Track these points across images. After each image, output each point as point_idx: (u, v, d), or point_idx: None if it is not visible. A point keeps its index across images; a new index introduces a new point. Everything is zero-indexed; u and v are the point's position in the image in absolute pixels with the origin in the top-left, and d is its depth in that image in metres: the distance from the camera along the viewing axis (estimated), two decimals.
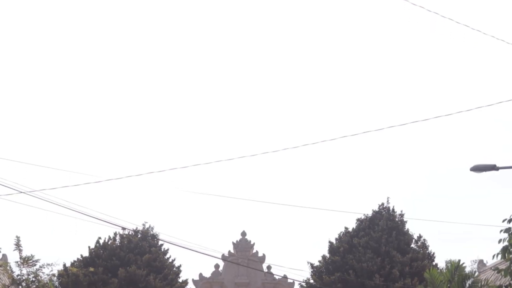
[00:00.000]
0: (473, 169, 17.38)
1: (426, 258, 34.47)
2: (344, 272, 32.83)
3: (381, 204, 36.77)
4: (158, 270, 35.06)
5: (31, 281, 20.06)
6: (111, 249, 35.45)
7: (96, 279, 33.17)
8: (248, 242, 48.05)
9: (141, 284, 33.45)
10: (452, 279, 23.55)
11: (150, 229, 36.69)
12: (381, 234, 34.43)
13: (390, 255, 33.33)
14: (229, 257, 45.94)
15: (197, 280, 46.49)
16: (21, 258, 20.21)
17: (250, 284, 46.45)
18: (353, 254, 33.78)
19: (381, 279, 31.90)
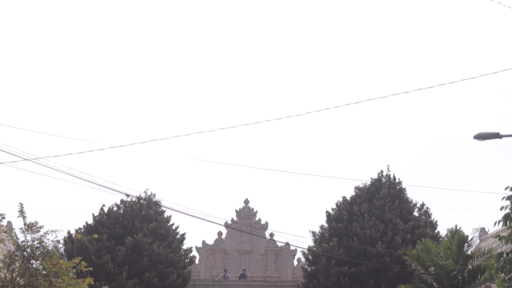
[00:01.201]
0: (476, 137, 17.33)
1: (428, 226, 34.63)
2: (347, 238, 33.01)
3: (380, 172, 36.80)
4: (163, 237, 35.32)
5: (35, 247, 20.21)
6: (115, 216, 35.68)
7: (101, 246, 33.45)
8: (251, 209, 48.32)
9: (145, 252, 33.73)
10: (450, 246, 23.69)
11: (152, 196, 36.84)
12: (384, 201, 34.57)
13: (393, 222, 33.50)
14: (232, 224, 46.24)
15: (200, 247, 46.88)
16: (25, 224, 20.33)
17: (252, 251, 46.82)
18: (356, 221, 33.94)
19: (383, 246, 32.11)
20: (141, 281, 32.88)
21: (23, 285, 19.89)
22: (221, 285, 41.08)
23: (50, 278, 19.68)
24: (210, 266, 46.23)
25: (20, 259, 20.15)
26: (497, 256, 15.00)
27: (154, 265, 33.59)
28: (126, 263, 33.22)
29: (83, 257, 22.68)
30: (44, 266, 19.86)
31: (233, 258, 46.58)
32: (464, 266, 23.53)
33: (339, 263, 32.54)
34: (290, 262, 46.76)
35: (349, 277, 32.07)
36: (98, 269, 30.90)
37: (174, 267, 34.52)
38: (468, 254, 23.93)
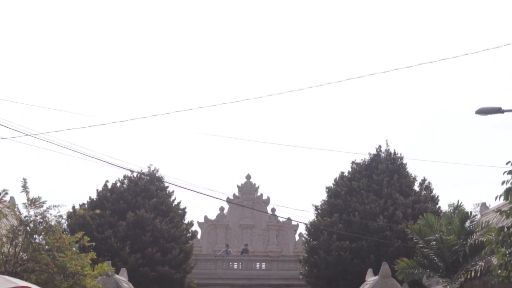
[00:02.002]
0: (479, 112, 17.28)
1: (429, 201, 34.69)
2: (348, 214, 33.13)
3: (378, 146, 36.76)
4: (164, 213, 35.45)
5: (38, 222, 20.28)
6: (118, 192, 35.80)
7: (103, 222, 33.61)
8: (252, 185, 48.47)
9: (147, 227, 33.89)
10: (452, 220, 23.77)
11: (155, 171, 36.92)
12: (383, 176, 34.57)
13: (393, 197, 33.57)
14: (234, 199, 46.39)
15: (202, 223, 47.12)
16: (28, 199, 20.38)
17: (254, 226, 47.06)
18: (355, 197, 34.03)
19: (384, 221, 32.22)
20: (143, 256, 33.07)
21: (26, 259, 20.00)
22: (223, 259, 41.36)
23: (53, 252, 19.78)
24: (212, 241, 46.51)
25: (23, 234, 20.23)
26: (498, 230, 15.03)
27: (156, 240, 33.77)
28: (128, 238, 33.40)
29: (85, 232, 22.75)
30: (47, 241, 19.94)
31: (235, 233, 46.84)
32: (465, 241, 23.63)
33: (340, 238, 32.69)
34: (291, 237, 47.02)
35: (350, 251, 32.24)
36: (100, 244, 31.04)
37: (176, 242, 34.70)
38: (470, 230, 24.02)
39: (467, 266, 23.26)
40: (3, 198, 22.21)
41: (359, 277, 29.81)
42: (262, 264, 41.53)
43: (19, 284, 13.91)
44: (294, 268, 39.25)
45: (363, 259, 31.94)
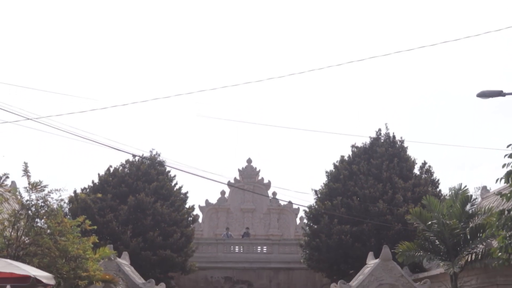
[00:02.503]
0: (480, 95, 17.23)
1: (429, 184, 34.71)
2: (347, 198, 33.18)
3: (378, 130, 36.71)
4: (165, 197, 35.53)
5: (40, 206, 20.32)
6: (120, 176, 35.86)
7: (104, 205, 33.69)
8: (253, 168, 48.53)
9: (148, 211, 33.98)
10: (453, 204, 23.82)
11: (157, 155, 36.97)
12: (381, 160, 34.56)
13: (392, 181, 33.58)
14: (235, 183, 46.46)
15: (204, 206, 47.24)
16: (29, 183, 20.40)
17: (255, 210, 47.18)
18: (355, 181, 34.05)
19: (384, 205, 32.27)
20: (144, 240, 33.19)
21: (28, 243, 20.07)
22: (224, 243, 41.51)
23: (55, 236, 19.85)
24: (214, 225, 46.66)
25: (24, 218, 20.29)
26: (498, 213, 15.08)
27: (158, 224, 33.88)
28: (129, 222, 33.51)
29: (87, 216, 22.82)
30: (49, 225, 20.00)
31: (236, 217, 46.96)
32: (466, 225, 23.70)
33: (341, 222, 32.78)
34: (292, 220, 47.15)
35: (351, 235, 32.34)
36: (102, 228, 31.16)
37: (178, 226, 34.81)
38: (471, 213, 24.08)
39: (468, 249, 23.35)
40: (4, 182, 22.25)
41: (360, 261, 29.92)
42: (263, 247, 41.70)
43: (21, 268, 13.97)
44: (295, 252, 39.41)
45: (363, 243, 32.04)
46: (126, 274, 27.42)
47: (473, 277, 24.21)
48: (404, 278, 26.43)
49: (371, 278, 26.29)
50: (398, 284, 26.06)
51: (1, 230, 20.03)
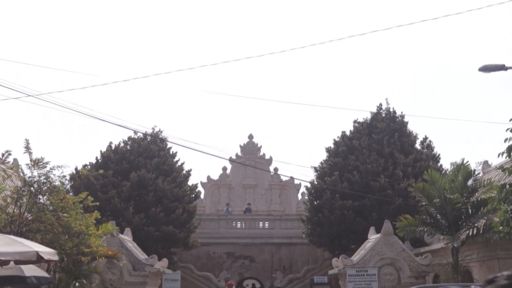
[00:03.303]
0: (482, 69, 17.11)
1: (430, 159, 34.75)
2: (348, 173, 33.23)
3: (379, 105, 36.68)
4: (167, 173, 35.60)
5: (42, 183, 20.36)
6: (121, 153, 35.90)
7: (107, 182, 33.76)
8: (255, 144, 48.54)
9: (150, 187, 34.05)
10: (455, 178, 23.83)
11: (159, 132, 36.95)
12: (383, 135, 34.57)
13: (394, 157, 33.62)
14: (237, 159, 46.51)
15: (205, 183, 47.33)
16: (31, 160, 20.43)
17: (257, 186, 47.27)
18: (356, 156, 34.08)
19: (386, 180, 32.31)
20: (147, 216, 33.31)
21: (31, 220, 20.15)
22: (226, 219, 41.66)
23: (58, 213, 19.91)
24: (215, 201, 46.78)
25: (27, 194, 20.34)
26: (500, 187, 15.07)
27: (160, 200, 33.98)
28: (131, 198, 33.61)
29: (89, 193, 22.88)
30: (51, 201, 20.06)
31: (238, 192, 47.07)
32: (468, 199, 23.73)
33: (343, 197, 32.86)
34: (294, 196, 47.26)
35: (353, 210, 32.44)
36: (104, 205, 31.27)
37: (180, 202, 34.92)
38: (473, 187, 24.10)
39: (469, 224, 23.42)
40: (6, 159, 22.29)
41: (361, 235, 30.05)
42: (265, 223, 41.86)
43: (25, 243, 14.03)
44: (297, 227, 39.57)
45: (365, 218, 32.16)
46: (129, 250, 27.58)
47: (474, 251, 24.33)
48: (405, 253, 26.57)
49: (372, 253, 26.43)
50: (399, 258, 26.20)
51: (4, 207, 20.11)
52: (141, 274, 27.23)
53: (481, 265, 24.23)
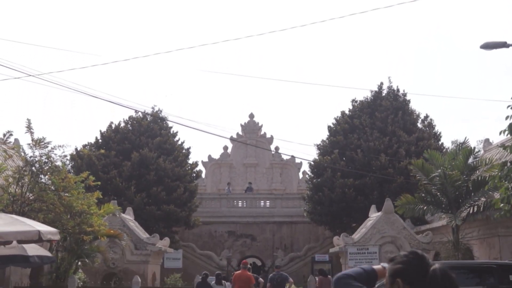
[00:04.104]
0: (483, 46, 17.00)
1: (432, 138, 34.74)
2: (350, 151, 33.23)
3: (380, 84, 36.62)
4: (168, 152, 35.61)
5: (44, 163, 20.38)
6: (122, 132, 35.88)
7: (108, 162, 33.79)
8: (256, 123, 48.48)
9: (152, 167, 34.07)
10: (456, 157, 23.80)
11: (159, 111, 36.89)
12: (386, 114, 34.53)
13: (397, 135, 33.60)
14: (238, 138, 46.47)
15: (206, 162, 47.35)
16: (32, 140, 20.43)
17: (258, 165, 47.29)
18: (358, 134, 34.05)
19: (386, 158, 32.31)
20: (148, 195, 33.38)
21: (33, 199, 20.20)
22: (227, 198, 41.75)
23: (59, 192, 19.95)
24: (217, 180, 46.83)
25: (29, 174, 20.37)
26: (501, 165, 15.04)
27: (161, 179, 34.02)
28: (133, 178, 33.65)
29: (91, 173, 22.90)
30: (53, 181, 20.10)
31: (239, 171, 47.10)
32: (469, 177, 23.72)
33: (344, 175, 32.89)
34: (295, 175, 47.30)
35: (354, 188, 32.48)
36: (106, 184, 31.31)
37: (181, 181, 34.97)
38: (473, 165, 24.08)
39: (470, 202, 23.44)
40: (8, 140, 22.30)
41: (362, 214, 30.14)
42: (266, 202, 41.96)
43: (27, 223, 14.06)
44: (298, 206, 39.67)
45: (366, 196, 32.21)
46: (131, 229, 27.69)
47: (475, 229, 24.40)
48: (406, 231, 26.67)
49: (373, 231, 26.53)
50: (400, 236, 26.30)
51: (6, 187, 20.15)
52: (143, 253, 27.36)
53: (482, 243, 24.32)
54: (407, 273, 2.87)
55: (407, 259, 2.92)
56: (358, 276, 3.17)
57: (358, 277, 3.16)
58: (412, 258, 2.92)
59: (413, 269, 2.87)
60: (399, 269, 2.90)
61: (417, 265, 2.88)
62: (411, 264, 2.89)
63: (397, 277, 2.89)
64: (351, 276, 3.15)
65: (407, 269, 2.88)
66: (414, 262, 2.89)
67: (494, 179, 15.54)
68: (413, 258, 2.92)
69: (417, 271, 2.85)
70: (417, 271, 2.85)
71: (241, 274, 18.91)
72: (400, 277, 2.87)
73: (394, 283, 2.89)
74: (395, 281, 2.89)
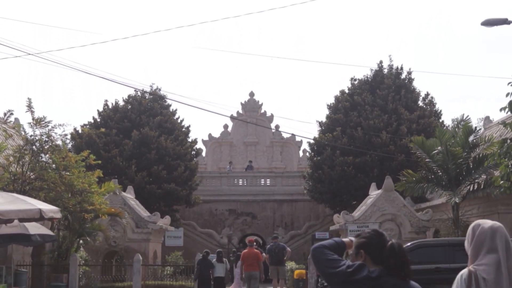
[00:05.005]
0: (484, 23, 16.91)
1: (433, 116, 34.71)
2: (350, 129, 33.20)
3: (380, 62, 36.50)
4: (169, 131, 35.58)
5: (44, 141, 20.41)
6: (122, 111, 35.82)
7: (109, 141, 33.77)
8: (256, 102, 48.40)
9: (152, 145, 34.07)
10: (456, 134, 23.78)
11: (158, 90, 36.79)
12: (387, 91, 34.46)
13: (398, 113, 33.54)
14: (238, 117, 46.43)
15: (207, 140, 47.35)
16: (33, 119, 20.43)
17: (258, 143, 47.30)
18: (358, 112, 34.01)
19: (388, 136, 32.29)
20: (149, 174, 33.41)
21: (34, 178, 20.26)
22: (228, 176, 41.82)
23: (60, 171, 20.00)
24: (217, 159, 46.87)
25: (29, 153, 20.40)
26: (501, 142, 15.04)
27: (162, 158, 34.03)
28: (134, 157, 33.65)
29: (92, 152, 22.91)
30: (54, 160, 20.14)
31: (239, 150, 47.12)
32: (469, 155, 23.73)
33: (344, 153, 32.90)
34: (295, 153, 47.32)
35: (354, 166, 32.49)
36: (106, 163, 31.31)
37: (182, 159, 34.98)
38: (474, 143, 24.08)
39: (470, 179, 23.47)
40: (8, 119, 22.29)
41: (362, 191, 30.20)
42: (266, 180, 42.03)
43: (28, 201, 14.11)
44: (298, 184, 39.73)
45: (366, 174, 32.23)
46: (132, 207, 27.79)
47: (474, 206, 24.46)
48: (406, 208, 26.76)
49: (373, 209, 26.63)
50: (400, 214, 26.40)
51: (7, 166, 20.19)
52: (144, 231, 27.48)
53: None
54: (369, 246, 3.65)
55: (369, 235, 3.70)
56: (331, 246, 3.87)
57: (330, 247, 3.86)
58: (374, 234, 3.69)
59: (373, 243, 3.65)
60: (362, 243, 3.69)
61: (377, 240, 3.65)
62: (372, 239, 3.66)
63: (360, 249, 3.68)
64: (325, 246, 3.85)
65: (369, 243, 3.66)
66: (375, 238, 3.67)
67: (494, 157, 15.56)
68: (374, 234, 3.69)
69: (376, 245, 3.62)
70: (376, 245, 3.62)
71: (249, 252, 19.95)
72: (363, 249, 3.67)
73: (358, 253, 3.67)
74: (359, 252, 3.67)
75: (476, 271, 3.70)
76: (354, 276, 3.56)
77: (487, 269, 3.66)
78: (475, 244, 3.75)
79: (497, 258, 3.66)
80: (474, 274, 3.69)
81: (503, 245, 3.67)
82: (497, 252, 3.67)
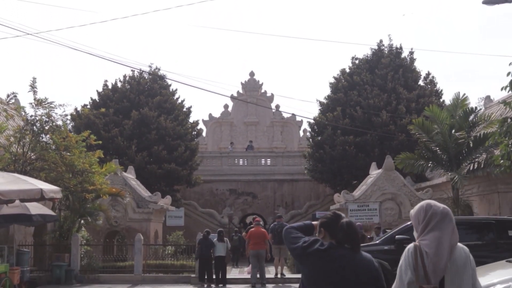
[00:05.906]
0: (486, 2, 16.79)
1: (433, 95, 34.65)
2: (350, 108, 33.17)
3: (379, 41, 36.40)
4: (169, 111, 35.55)
5: (44, 122, 20.41)
6: (121, 91, 35.75)
7: (109, 121, 33.76)
8: (256, 82, 48.33)
9: (152, 125, 34.06)
10: (454, 113, 23.68)
11: (157, 70, 36.67)
12: (386, 71, 34.39)
13: (397, 92, 33.50)
14: (238, 96, 46.39)
15: (207, 120, 47.36)
16: (35, 99, 20.41)
17: (259, 123, 47.31)
18: (358, 91, 33.96)
19: (388, 115, 32.26)
20: (149, 154, 33.45)
21: (35, 158, 20.29)
22: (228, 156, 41.87)
23: (61, 151, 20.03)
24: (217, 139, 46.90)
25: (30, 133, 20.41)
26: (501, 121, 14.99)
27: (162, 138, 34.04)
28: (134, 137, 33.66)
29: (92, 132, 22.91)
30: (54, 140, 20.16)
31: (240, 130, 47.13)
32: (469, 134, 23.69)
33: (345, 133, 32.90)
34: (296, 133, 47.35)
35: (355, 146, 32.53)
36: (107, 143, 31.35)
37: (182, 139, 34.99)
38: (474, 122, 24.02)
39: (470, 158, 23.46)
40: (11, 101, 22.27)
41: (363, 171, 30.25)
42: (267, 160, 42.09)
43: (29, 181, 14.14)
44: (299, 164, 39.80)
45: (367, 153, 32.27)
46: (132, 187, 27.86)
47: (475, 185, 24.50)
48: (406, 188, 26.82)
49: (374, 188, 26.69)
50: (400, 193, 26.46)
51: (7, 146, 20.22)
52: (145, 211, 27.57)
53: (481, 199, 24.46)
54: (328, 224, 4.30)
55: (329, 216, 4.36)
56: (298, 227, 4.56)
57: (298, 228, 4.55)
58: (332, 215, 4.35)
59: (331, 222, 4.29)
60: (323, 222, 4.35)
61: (335, 220, 4.28)
62: (331, 219, 4.31)
63: (321, 227, 4.34)
64: (293, 227, 4.55)
65: (328, 222, 4.31)
66: (333, 218, 4.32)
67: (495, 136, 15.53)
68: (333, 215, 4.35)
69: (333, 224, 4.27)
70: (333, 224, 4.27)
71: (256, 231, 20.44)
72: (323, 227, 4.32)
73: (320, 231, 4.33)
74: (321, 230, 4.33)
75: (420, 245, 4.14)
76: (308, 249, 4.20)
77: (429, 244, 4.10)
78: (425, 223, 4.22)
79: (439, 235, 4.12)
80: (419, 248, 4.13)
81: (449, 230, 4.18)
82: (441, 230, 4.14)
